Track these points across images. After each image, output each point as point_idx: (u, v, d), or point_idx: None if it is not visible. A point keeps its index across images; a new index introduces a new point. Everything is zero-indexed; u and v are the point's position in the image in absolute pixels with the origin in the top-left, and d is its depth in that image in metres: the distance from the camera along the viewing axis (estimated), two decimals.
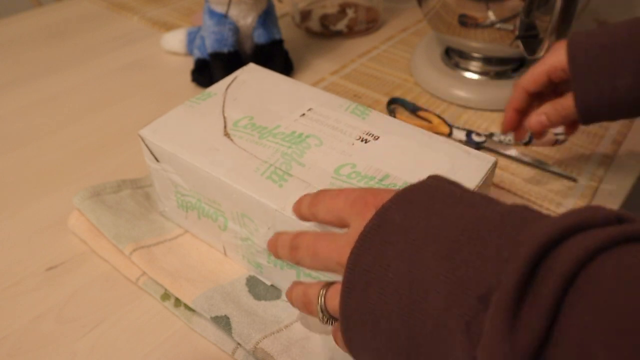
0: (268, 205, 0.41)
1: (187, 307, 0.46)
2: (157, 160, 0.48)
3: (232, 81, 0.54)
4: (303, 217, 0.37)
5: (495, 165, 0.45)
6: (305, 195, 0.37)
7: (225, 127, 0.48)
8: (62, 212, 0.55)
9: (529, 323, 0.21)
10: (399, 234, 0.27)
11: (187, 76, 0.76)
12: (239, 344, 0.43)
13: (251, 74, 0.55)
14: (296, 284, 0.37)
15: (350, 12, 0.87)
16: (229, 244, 0.48)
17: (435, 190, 0.29)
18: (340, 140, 0.46)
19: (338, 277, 0.40)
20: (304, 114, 0.49)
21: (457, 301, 0.23)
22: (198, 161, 0.45)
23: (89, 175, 0.60)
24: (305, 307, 0.35)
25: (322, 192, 0.35)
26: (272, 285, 0.47)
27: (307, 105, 0.50)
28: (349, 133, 0.47)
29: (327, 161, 0.44)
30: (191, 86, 0.75)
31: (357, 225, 0.30)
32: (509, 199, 0.57)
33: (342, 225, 0.32)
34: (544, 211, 0.56)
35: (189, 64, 0.78)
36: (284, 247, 0.35)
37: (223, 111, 0.50)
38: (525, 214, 0.25)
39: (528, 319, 0.21)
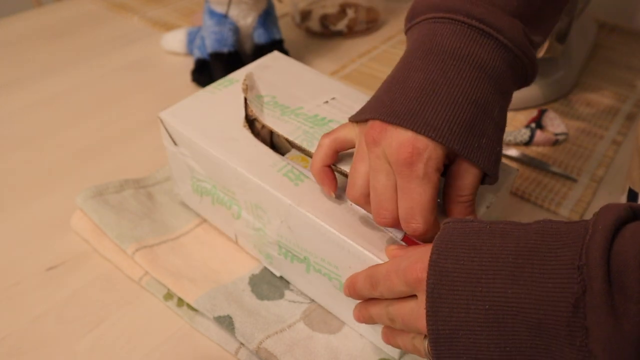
0: (283, 200, 0.41)
1: (189, 306, 0.46)
2: (175, 144, 0.48)
3: (256, 67, 0.54)
4: (365, 298, 0.38)
5: (516, 175, 0.45)
6: (355, 280, 0.37)
7: (245, 116, 0.48)
8: (62, 212, 0.55)
9: (627, 311, 0.25)
10: (459, 280, 0.30)
11: (187, 76, 0.76)
12: (242, 343, 0.43)
13: (275, 61, 0.55)
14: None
15: (350, 12, 0.87)
16: (241, 233, 0.48)
17: (463, 230, 0.32)
18: None
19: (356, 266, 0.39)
20: (327, 102, 0.49)
21: (551, 313, 0.27)
22: (216, 149, 0.45)
23: (89, 176, 0.60)
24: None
25: (372, 274, 0.36)
26: (274, 285, 0.47)
27: (331, 94, 0.50)
28: None
29: None
30: (191, 86, 0.75)
31: (422, 290, 0.32)
32: (509, 199, 0.57)
33: (409, 294, 0.34)
34: (545, 211, 0.56)
35: (189, 64, 0.78)
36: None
37: (245, 98, 0.50)
38: (553, 226, 0.29)
39: (625, 309, 0.25)
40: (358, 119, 0.39)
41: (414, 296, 0.33)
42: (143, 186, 0.57)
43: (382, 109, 0.36)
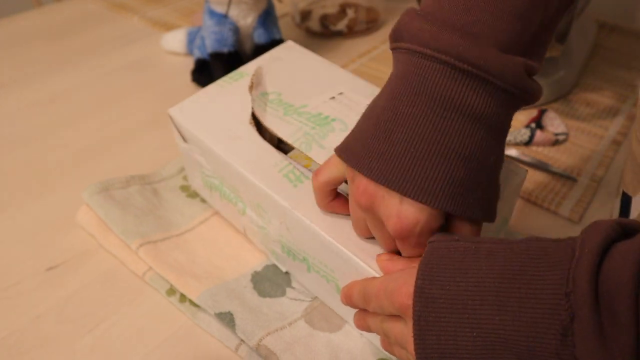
0: (280, 202, 0.41)
1: (192, 302, 0.46)
2: (185, 141, 0.49)
3: (268, 59, 0.53)
4: (361, 308, 0.38)
5: (525, 176, 0.44)
6: (350, 292, 0.37)
7: (252, 113, 0.48)
8: (63, 212, 0.55)
9: (618, 339, 0.24)
10: (445, 306, 0.29)
11: (187, 76, 0.76)
12: (242, 340, 0.43)
13: (288, 53, 0.54)
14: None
15: (350, 12, 0.87)
16: (248, 228, 0.49)
17: (448, 251, 0.31)
18: None
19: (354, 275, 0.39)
20: (333, 97, 0.49)
21: (540, 342, 0.26)
22: (220, 148, 0.45)
23: (90, 176, 0.60)
24: None
25: (365, 290, 0.36)
26: (276, 283, 0.47)
27: (339, 88, 0.50)
28: None
29: None
30: (191, 86, 0.75)
31: (409, 316, 0.31)
32: None
33: (398, 315, 0.34)
34: (545, 211, 0.56)
35: (189, 64, 0.78)
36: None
37: (252, 94, 0.49)
38: (540, 245, 0.28)
39: (615, 337, 0.24)
40: (344, 159, 0.36)
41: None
42: (149, 182, 0.57)
43: (369, 163, 0.34)
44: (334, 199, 0.40)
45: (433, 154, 0.33)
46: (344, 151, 0.36)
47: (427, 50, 0.33)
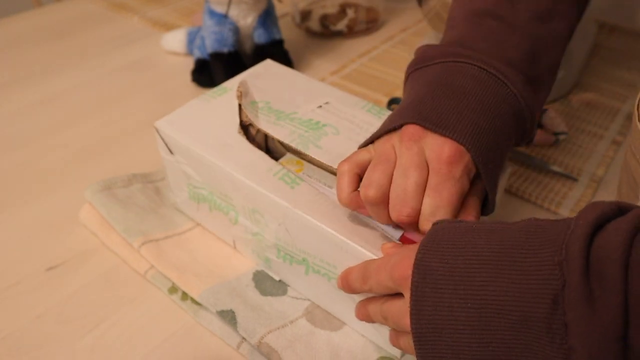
0: (280, 203, 0.41)
1: (193, 300, 0.46)
2: (171, 153, 0.49)
3: (249, 75, 0.54)
4: (357, 292, 0.38)
5: (509, 173, 0.45)
6: (350, 271, 0.38)
7: (240, 123, 0.48)
8: (63, 212, 0.55)
9: (606, 304, 0.24)
10: (443, 278, 0.30)
11: (187, 76, 0.76)
12: (244, 338, 0.43)
13: (268, 69, 0.55)
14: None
15: (350, 12, 0.87)
16: (239, 238, 0.49)
17: (450, 230, 0.32)
18: (357, 134, 0.47)
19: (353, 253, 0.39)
20: (320, 106, 0.50)
21: (531, 310, 0.26)
22: (212, 155, 0.45)
23: (90, 176, 0.60)
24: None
25: (366, 267, 0.36)
26: (279, 281, 0.47)
27: (324, 99, 0.51)
28: (366, 128, 0.47)
29: (344, 148, 0.45)
30: (191, 86, 0.75)
31: (407, 287, 0.32)
32: (509, 199, 0.57)
33: (395, 292, 0.34)
34: (545, 211, 0.56)
35: (189, 64, 0.78)
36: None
37: (239, 105, 0.50)
38: (538, 224, 0.29)
39: (605, 300, 0.24)
40: (389, 127, 0.39)
41: (402, 294, 0.33)
42: (151, 181, 0.57)
43: (419, 116, 0.38)
44: (356, 190, 0.40)
45: (468, 119, 0.38)
46: (388, 123, 0.40)
47: (459, 58, 0.41)
